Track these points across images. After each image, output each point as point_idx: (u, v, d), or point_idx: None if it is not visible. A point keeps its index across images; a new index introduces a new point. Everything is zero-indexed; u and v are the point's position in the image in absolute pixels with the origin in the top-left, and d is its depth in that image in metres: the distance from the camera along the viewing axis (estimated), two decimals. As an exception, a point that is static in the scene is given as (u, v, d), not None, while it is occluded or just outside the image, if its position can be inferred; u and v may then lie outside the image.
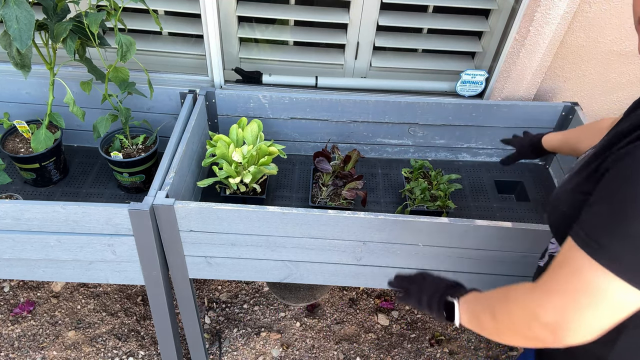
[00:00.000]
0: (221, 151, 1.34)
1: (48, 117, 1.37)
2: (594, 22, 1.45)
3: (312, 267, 1.26)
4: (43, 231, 1.15)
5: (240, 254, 1.22)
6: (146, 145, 1.50)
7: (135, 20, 1.56)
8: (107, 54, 1.65)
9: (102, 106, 1.51)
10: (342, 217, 1.12)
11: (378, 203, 1.54)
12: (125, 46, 1.22)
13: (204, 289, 1.98)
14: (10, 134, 1.48)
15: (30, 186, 1.51)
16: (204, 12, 1.43)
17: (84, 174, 1.57)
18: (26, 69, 1.20)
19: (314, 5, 1.58)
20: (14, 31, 1.07)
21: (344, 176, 1.46)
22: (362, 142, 1.66)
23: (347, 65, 1.66)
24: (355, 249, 1.20)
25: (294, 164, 1.65)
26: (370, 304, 1.98)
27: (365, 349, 1.83)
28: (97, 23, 1.15)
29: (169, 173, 1.21)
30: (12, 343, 1.75)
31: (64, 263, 1.22)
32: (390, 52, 1.66)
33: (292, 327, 1.88)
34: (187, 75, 1.59)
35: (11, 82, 1.53)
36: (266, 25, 1.62)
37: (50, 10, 1.22)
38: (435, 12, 1.60)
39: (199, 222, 1.14)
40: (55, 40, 1.19)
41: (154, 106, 1.57)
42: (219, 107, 1.56)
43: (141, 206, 1.09)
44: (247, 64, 1.67)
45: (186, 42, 1.64)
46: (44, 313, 1.85)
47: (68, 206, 1.09)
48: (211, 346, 1.80)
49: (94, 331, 1.81)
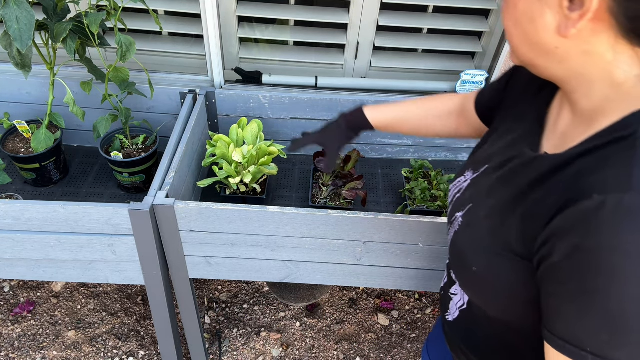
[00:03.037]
0: (221, 151, 1.35)
1: (48, 117, 1.37)
2: (594, 22, 1.45)
3: (312, 267, 1.26)
4: (43, 231, 1.15)
5: (240, 254, 1.22)
6: (146, 145, 1.50)
7: (135, 20, 1.56)
8: (107, 54, 1.65)
9: (102, 106, 1.51)
10: (342, 217, 1.12)
11: (378, 203, 1.54)
12: (125, 46, 1.22)
13: (204, 289, 1.98)
14: (10, 134, 1.48)
15: (30, 186, 1.51)
16: (204, 12, 1.43)
17: (84, 174, 1.57)
18: (26, 69, 1.20)
19: (314, 5, 1.58)
20: (14, 31, 1.07)
21: (344, 176, 1.46)
22: (362, 142, 1.66)
23: (347, 65, 1.66)
24: (355, 249, 1.20)
25: (294, 164, 1.65)
26: (370, 304, 1.98)
27: (365, 349, 1.83)
28: (97, 23, 1.16)
29: (169, 173, 1.21)
30: (12, 343, 1.75)
31: (64, 263, 1.22)
32: (390, 52, 1.66)
33: (292, 327, 1.88)
34: (187, 75, 1.59)
35: (11, 82, 1.53)
36: (266, 25, 1.62)
37: (50, 10, 1.22)
38: (435, 12, 1.60)
39: (199, 222, 1.14)
40: (56, 40, 1.19)
41: (154, 106, 1.57)
42: (219, 107, 1.56)
43: (141, 206, 1.10)
44: (247, 64, 1.67)
45: (186, 42, 1.64)
46: (44, 313, 1.85)
47: (68, 206, 1.09)
48: (211, 346, 1.80)
49: (94, 331, 1.81)
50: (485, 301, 0.67)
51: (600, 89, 0.54)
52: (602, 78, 0.54)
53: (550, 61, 0.56)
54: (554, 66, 0.56)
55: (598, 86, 0.54)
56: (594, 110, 0.56)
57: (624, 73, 0.52)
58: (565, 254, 0.50)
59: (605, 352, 0.48)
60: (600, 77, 0.54)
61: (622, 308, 0.47)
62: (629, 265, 0.46)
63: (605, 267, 0.47)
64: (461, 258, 0.67)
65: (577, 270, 0.49)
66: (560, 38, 0.53)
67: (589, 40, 0.51)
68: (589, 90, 0.55)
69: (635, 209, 0.46)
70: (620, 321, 0.47)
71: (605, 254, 0.47)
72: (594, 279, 0.48)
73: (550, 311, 0.53)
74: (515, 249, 0.57)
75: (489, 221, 0.62)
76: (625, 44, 0.51)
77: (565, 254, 0.50)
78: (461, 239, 0.68)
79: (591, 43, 0.51)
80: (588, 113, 0.57)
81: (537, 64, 0.58)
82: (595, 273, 0.47)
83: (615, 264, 0.46)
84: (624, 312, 0.47)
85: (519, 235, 0.57)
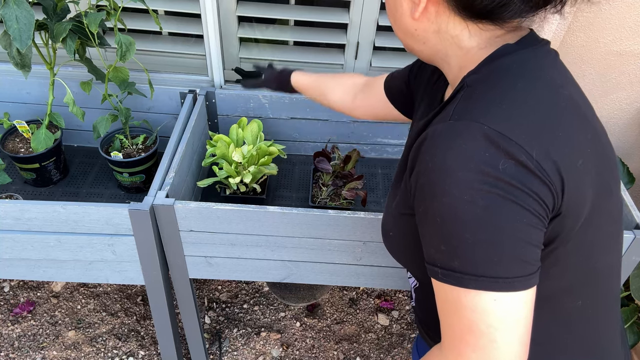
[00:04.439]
0: (221, 151, 1.34)
1: (48, 117, 1.37)
2: (594, 22, 1.45)
3: (312, 267, 1.26)
4: (43, 231, 1.15)
5: (240, 254, 1.22)
6: (146, 145, 1.50)
7: (135, 20, 1.56)
8: (107, 54, 1.65)
9: (102, 106, 1.51)
10: (342, 217, 1.12)
11: (378, 203, 1.54)
12: (125, 46, 1.22)
13: (204, 289, 1.98)
14: (10, 134, 1.48)
15: (30, 186, 1.51)
16: (204, 12, 1.43)
17: (84, 174, 1.57)
18: (26, 69, 1.20)
19: (314, 5, 1.58)
20: (14, 31, 1.07)
21: (344, 176, 1.46)
22: (362, 142, 1.66)
23: (347, 65, 1.66)
24: (355, 249, 1.20)
25: (294, 164, 1.65)
26: (370, 304, 1.98)
27: (365, 349, 1.83)
28: (97, 23, 1.15)
29: (169, 173, 1.21)
30: (12, 343, 1.75)
31: (64, 263, 1.22)
32: (391, 52, 1.66)
33: (292, 327, 1.88)
34: (187, 75, 1.59)
35: (11, 82, 1.52)
36: (266, 25, 1.62)
37: (50, 10, 1.22)
38: (435, 12, 1.60)
39: (199, 222, 1.14)
40: (55, 40, 1.19)
41: (154, 106, 1.57)
42: (219, 107, 1.56)
43: (141, 206, 1.09)
44: (247, 64, 1.67)
45: (186, 42, 1.64)
46: (44, 313, 1.85)
47: (68, 206, 1.09)
48: (211, 346, 1.80)
49: (94, 331, 1.81)
50: (406, 262, 0.76)
51: (455, 61, 0.65)
52: (454, 52, 0.64)
53: (417, 43, 0.67)
54: (421, 47, 0.67)
55: (453, 59, 0.65)
56: (454, 79, 0.66)
57: (466, 44, 0.62)
58: (414, 184, 0.59)
59: (447, 263, 0.55)
60: (453, 51, 0.64)
61: (444, 219, 0.54)
62: (440, 181, 0.54)
63: (429, 185, 0.55)
64: (384, 229, 0.75)
65: (420, 194, 0.58)
66: (414, 21, 0.63)
67: (435, 21, 0.62)
68: (449, 64, 0.66)
69: (444, 133, 0.55)
70: (445, 231, 0.54)
71: (427, 174, 0.55)
72: (426, 198, 0.56)
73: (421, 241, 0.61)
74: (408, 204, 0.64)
75: (392, 189, 0.73)
76: (460, 20, 0.60)
77: (414, 184, 0.59)
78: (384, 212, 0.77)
79: (437, 22, 0.62)
80: (453, 82, 0.68)
81: (411, 46, 0.69)
82: (426, 193, 0.56)
83: (432, 181, 0.55)
84: (445, 222, 0.54)
85: (406, 192, 0.64)
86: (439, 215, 0.54)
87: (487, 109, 0.55)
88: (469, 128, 0.54)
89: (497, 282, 0.53)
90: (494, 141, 0.52)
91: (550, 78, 0.60)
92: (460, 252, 0.54)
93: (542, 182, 0.53)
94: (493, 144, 0.52)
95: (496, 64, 0.59)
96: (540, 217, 0.54)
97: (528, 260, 0.54)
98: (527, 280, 0.54)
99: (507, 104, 0.55)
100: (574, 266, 0.63)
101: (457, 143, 0.53)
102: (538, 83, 0.58)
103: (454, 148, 0.53)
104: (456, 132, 0.54)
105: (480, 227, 0.52)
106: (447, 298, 0.57)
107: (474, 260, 0.53)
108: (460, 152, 0.53)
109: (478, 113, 0.55)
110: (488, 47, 0.61)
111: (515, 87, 0.57)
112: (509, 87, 0.57)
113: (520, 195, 0.52)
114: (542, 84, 0.59)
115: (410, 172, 0.61)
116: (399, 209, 0.68)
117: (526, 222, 0.53)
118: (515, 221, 0.52)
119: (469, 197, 0.52)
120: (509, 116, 0.54)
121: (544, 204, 0.53)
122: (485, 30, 0.60)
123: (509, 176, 0.51)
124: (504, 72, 0.58)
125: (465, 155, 0.52)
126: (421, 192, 0.57)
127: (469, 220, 0.52)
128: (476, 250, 0.53)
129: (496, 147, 0.52)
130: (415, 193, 0.59)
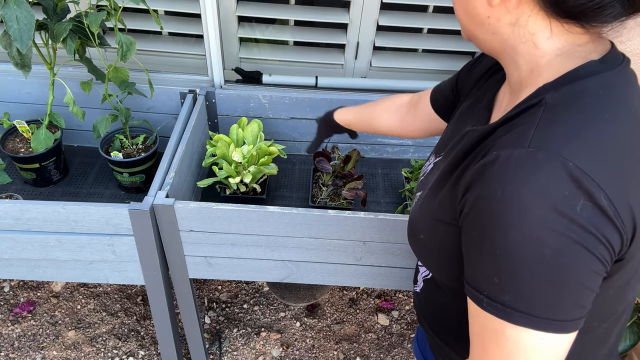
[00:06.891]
0: (221, 151, 1.35)
1: (48, 117, 1.37)
2: None
3: (312, 267, 1.26)
4: (43, 231, 1.15)
5: (240, 254, 1.22)
6: (146, 145, 1.50)
7: (135, 20, 1.56)
8: (107, 54, 1.65)
9: (102, 106, 1.51)
10: (342, 217, 1.12)
11: (378, 203, 1.54)
12: (126, 46, 1.22)
13: (204, 289, 1.98)
14: (10, 134, 1.48)
15: (30, 186, 1.51)
16: (204, 12, 1.43)
17: (84, 174, 1.57)
18: (26, 69, 1.20)
19: (314, 5, 1.58)
20: (14, 31, 1.07)
21: (344, 176, 1.46)
22: (362, 142, 1.66)
23: (347, 65, 1.66)
24: (355, 249, 1.20)
25: (294, 164, 1.65)
26: (370, 304, 1.98)
27: (365, 349, 1.83)
28: (97, 23, 1.15)
29: (169, 173, 1.21)
30: (12, 343, 1.75)
31: (64, 263, 1.22)
32: (390, 52, 1.66)
33: (292, 327, 1.88)
34: (187, 75, 1.59)
35: (11, 82, 1.52)
36: (266, 25, 1.62)
37: (50, 10, 1.22)
38: (435, 12, 1.60)
39: (199, 222, 1.14)
40: (55, 40, 1.19)
41: (154, 106, 1.57)
42: (219, 107, 1.56)
43: (141, 206, 1.09)
44: (247, 64, 1.67)
45: (186, 42, 1.64)
46: (44, 313, 1.85)
47: (68, 206, 1.09)
48: (211, 346, 1.80)
49: (94, 331, 1.81)
50: (432, 266, 0.73)
51: (525, 61, 0.59)
52: (527, 50, 0.58)
53: (484, 32, 0.60)
54: (489, 37, 0.60)
55: (523, 58, 0.59)
56: (520, 83, 0.60)
57: (543, 45, 0.56)
58: (470, 205, 0.55)
59: (496, 295, 0.52)
60: (525, 49, 0.58)
61: (505, 253, 0.50)
62: (509, 213, 0.50)
63: (493, 214, 0.51)
64: (413, 229, 0.72)
65: (476, 218, 0.54)
66: (490, 8, 0.57)
67: (514, 12, 0.55)
68: (517, 64, 0.60)
69: (522, 162, 0.50)
70: (503, 265, 0.51)
71: (493, 202, 0.51)
72: (486, 225, 0.52)
73: (465, 260, 0.58)
74: (450, 214, 0.61)
75: (431, 192, 0.68)
76: (543, 16, 0.54)
77: (470, 205, 0.55)
78: (414, 211, 0.73)
79: (516, 14, 0.56)
80: (517, 86, 0.61)
81: (477, 35, 0.62)
82: (487, 220, 0.52)
83: (499, 211, 0.50)
84: (505, 256, 0.51)
85: (451, 201, 0.61)
86: (500, 248, 0.51)
87: (570, 140, 0.50)
88: (551, 162, 0.49)
89: (551, 324, 0.51)
90: (576, 180, 0.48)
91: (635, 109, 0.55)
92: (515, 289, 0.51)
93: (616, 228, 0.49)
94: (575, 183, 0.48)
95: (582, 85, 0.53)
96: (606, 263, 0.51)
97: (584, 305, 0.52)
98: (578, 323, 0.52)
99: (592, 138, 0.50)
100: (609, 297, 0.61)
101: (537, 177, 0.49)
102: (622, 113, 0.53)
103: (532, 182, 0.49)
104: (537, 164, 0.49)
105: (544, 269, 0.49)
106: (487, 326, 0.54)
107: (530, 300, 0.51)
108: (539, 187, 0.48)
109: (561, 144, 0.50)
110: (566, 56, 0.56)
111: (601, 117, 0.52)
112: (595, 117, 0.52)
113: (592, 241, 0.49)
114: (626, 115, 0.53)
115: (466, 188, 0.56)
116: (436, 215, 0.65)
117: (592, 269, 0.50)
118: (582, 267, 0.50)
119: (538, 236, 0.49)
120: (592, 152, 0.50)
121: (612, 251, 0.50)
122: (570, 32, 0.55)
123: (585, 220, 0.48)
124: (590, 97, 0.53)
125: (543, 192, 0.48)
126: (479, 216, 0.53)
127: (535, 261, 0.49)
128: (536, 291, 0.50)
129: (578, 187, 0.48)
130: (468, 213, 0.55)
